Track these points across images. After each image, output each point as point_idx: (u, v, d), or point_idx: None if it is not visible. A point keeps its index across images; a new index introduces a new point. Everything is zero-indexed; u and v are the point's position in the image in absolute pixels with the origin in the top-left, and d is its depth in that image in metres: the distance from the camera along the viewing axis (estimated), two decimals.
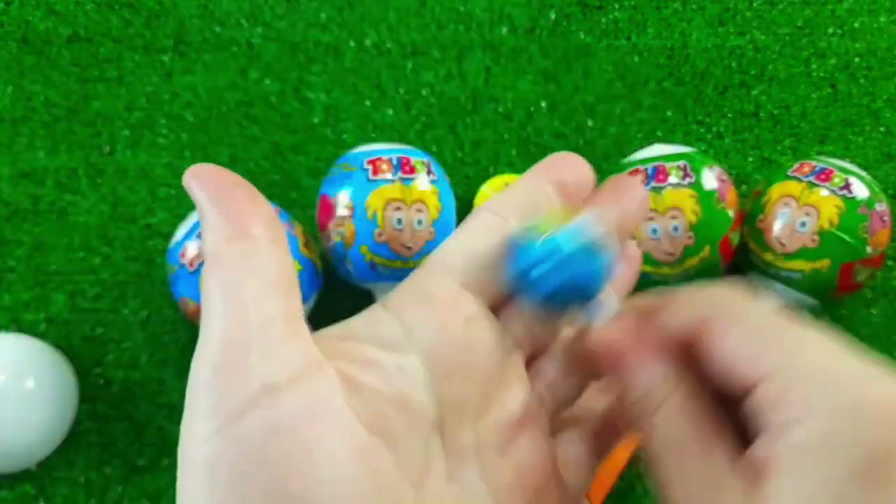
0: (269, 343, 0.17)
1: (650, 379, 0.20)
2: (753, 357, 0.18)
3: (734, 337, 0.18)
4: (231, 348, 0.17)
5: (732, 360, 0.18)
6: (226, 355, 0.17)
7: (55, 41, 0.58)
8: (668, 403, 0.19)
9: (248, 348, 0.17)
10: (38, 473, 0.48)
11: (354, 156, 0.48)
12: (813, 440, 0.16)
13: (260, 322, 0.17)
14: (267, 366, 0.17)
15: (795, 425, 0.16)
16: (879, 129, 0.57)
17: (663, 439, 0.19)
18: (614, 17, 0.60)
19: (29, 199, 0.54)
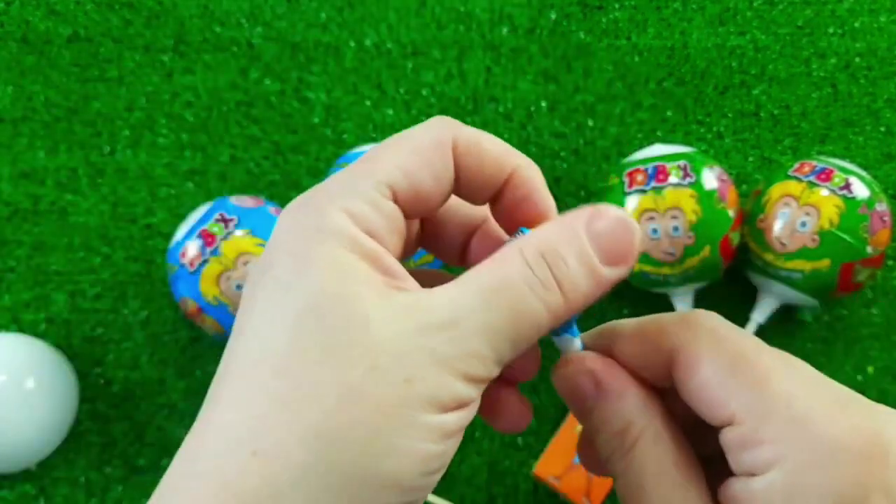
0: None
1: (627, 411, 0.20)
2: (723, 396, 0.18)
3: (703, 372, 0.18)
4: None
5: (702, 396, 0.18)
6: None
7: (55, 41, 0.58)
8: (646, 434, 0.19)
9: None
10: (38, 473, 0.48)
11: (355, 156, 0.48)
12: (783, 486, 0.16)
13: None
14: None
15: (767, 469, 0.17)
16: (880, 129, 0.57)
17: (642, 470, 0.19)
18: (614, 17, 0.60)
19: (29, 199, 0.54)
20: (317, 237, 0.18)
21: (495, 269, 0.18)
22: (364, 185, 0.19)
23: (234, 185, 0.55)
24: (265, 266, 0.18)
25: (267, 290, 0.18)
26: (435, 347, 0.17)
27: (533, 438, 0.49)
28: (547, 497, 0.48)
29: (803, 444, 0.16)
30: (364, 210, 0.18)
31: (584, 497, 0.45)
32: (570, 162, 0.56)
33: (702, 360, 0.18)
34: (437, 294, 0.18)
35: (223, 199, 0.47)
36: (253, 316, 0.18)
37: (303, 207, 0.19)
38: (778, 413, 0.17)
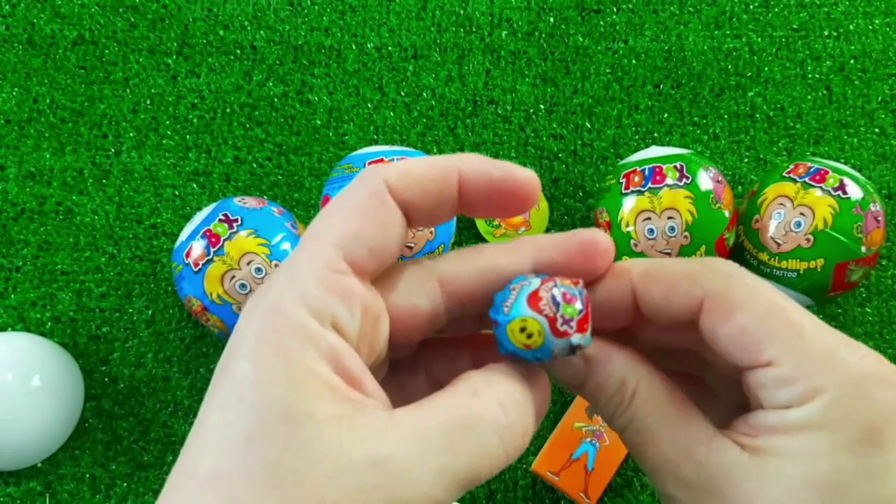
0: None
1: (618, 371, 0.21)
2: (761, 341, 0.19)
3: (740, 319, 0.19)
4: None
5: (738, 341, 0.19)
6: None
7: (61, 43, 0.59)
8: (641, 385, 0.20)
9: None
10: (44, 470, 0.49)
11: (356, 157, 0.49)
12: (824, 414, 0.18)
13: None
14: None
15: (805, 401, 0.18)
16: (874, 131, 0.58)
17: (645, 416, 0.20)
18: (612, 21, 0.61)
19: (35, 200, 0.55)
20: (273, 339, 0.17)
21: (464, 405, 0.18)
22: (316, 265, 0.18)
23: (237, 186, 0.56)
24: (225, 365, 0.18)
25: (223, 397, 0.17)
26: (388, 490, 0.16)
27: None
28: (545, 492, 0.49)
29: (840, 378, 0.18)
30: (320, 296, 0.18)
31: (581, 492, 0.46)
32: (568, 163, 0.57)
33: (737, 307, 0.19)
34: (398, 422, 0.17)
35: (227, 200, 0.48)
36: (207, 425, 0.17)
37: (259, 303, 0.18)
38: (814, 353, 0.18)
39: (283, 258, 0.45)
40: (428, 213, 0.20)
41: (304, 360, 0.17)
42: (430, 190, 0.20)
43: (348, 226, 0.19)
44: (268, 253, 0.45)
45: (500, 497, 0.49)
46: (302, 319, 0.17)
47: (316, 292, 0.18)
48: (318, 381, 0.17)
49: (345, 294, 0.18)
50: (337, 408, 0.17)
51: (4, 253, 0.53)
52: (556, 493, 0.49)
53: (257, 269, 0.44)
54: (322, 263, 0.18)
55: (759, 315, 0.19)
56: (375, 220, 0.19)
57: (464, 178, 0.20)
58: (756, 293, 0.19)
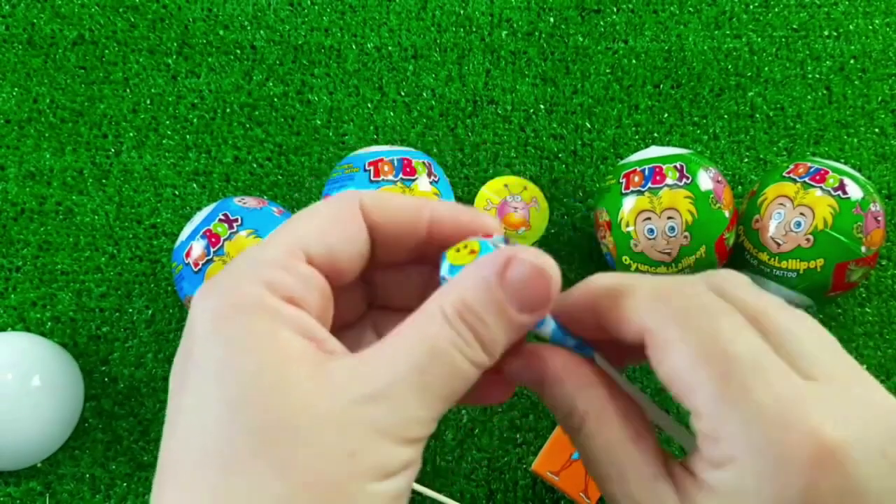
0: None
1: (568, 397, 0.21)
2: (689, 387, 0.18)
3: (672, 360, 0.19)
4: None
5: (671, 383, 0.19)
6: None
7: (61, 43, 0.59)
8: (589, 415, 0.20)
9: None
10: (44, 470, 0.49)
11: (356, 157, 0.49)
12: (734, 487, 0.17)
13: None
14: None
15: (723, 465, 0.18)
16: (874, 131, 0.58)
17: (591, 446, 0.20)
18: (612, 21, 0.61)
19: (35, 200, 0.55)
20: (235, 314, 0.18)
21: (423, 334, 0.18)
22: (275, 252, 0.19)
23: (237, 187, 0.56)
24: (186, 354, 0.18)
25: (194, 380, 0.17)
26: (375, 417, 0.17)
27: (531, 434, 0.50)
28: (545, 492, 0.49)
29: (754, 449, 0.17)
30: (278, 275, 0.18)
31: (581, 493, 0.46)
32: (569, 163, 0.57)
33: (670, 346, 0.19)
34: (368, 361, 0.18)
35: (227, 200, 0.48)
36: (184, 411, 0.17)
37: (214, 287, 0.18)
38: (735, 412, 0.17)
39: None
40: (394, 239, 0.21)
41: (268, 327, 0.18)
42: (400, 219, 0.21)
43: (313, 226, 0.20)
44: None
45: (500, 497, 0.49)
46: (260, 293, 0.18)
47: (274, 272, 0.18)
48: (285, 343, 0.18)
49: (301, 276, 0.19)
50: (308, 363, 0.18)
51: (4, 253, 0.53)
52: (556, 493, 0.49)
53: None
54: (282, 251, 0.19)
55: (690, 357, 0.18)
56: (341, 227, 0.20)
57: (434, 217, 0.21)
58: (694, 328, 0.18)
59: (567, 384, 0.21)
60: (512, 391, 0.23)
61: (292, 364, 0.17)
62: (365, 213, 0.20)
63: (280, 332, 0.18)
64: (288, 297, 0.18)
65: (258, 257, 0.19)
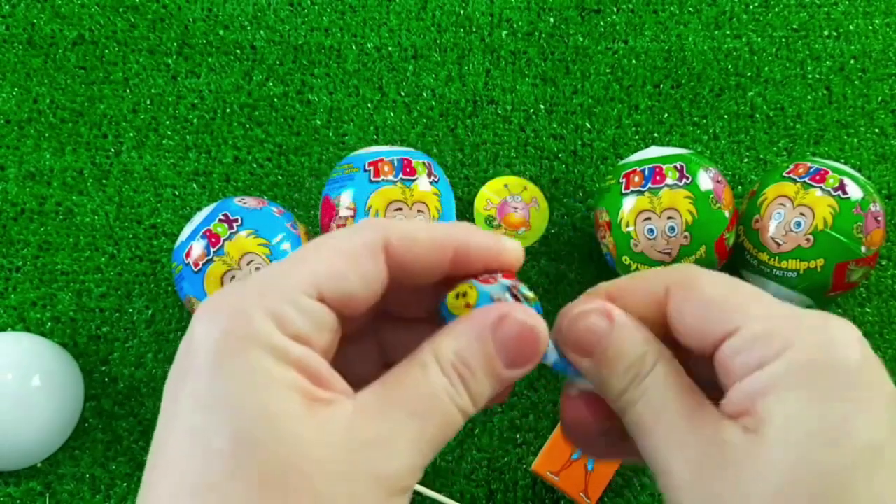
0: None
1: (642, 340, 0.21)
2: (726, 309, 0.20)
3: (703, 294, 0.20)
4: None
5: (704, 315, 0.20)
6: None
7: (61, 44, 0.59)
8: (662, 360, 0.21)
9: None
10: (44, 470, 0.49)
11: (356, 157, 0.49)
12: (795, 366, 0.18)
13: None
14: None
15: (778, 355, 0.18)
16: (874, 131, 0.58)
17: (664, 391, 0.20)
18: (612, 21, 0.61)
19: (35, 200, 0.55)
20: (241, 349, 0.17)
21: (420, 382, 0.19)
22: (288, 287, 0.18)
23: (237, 187, 0.56)
24: (183, 375, 0.18)
25: (187, 409, 0.17)
26: (374, 466, 0.17)
27: (531, 435, 0.50)
28: (545, 492, 0.49)
29: (812, 332, 0.18)
30: (289, 312, 0.18)
31: (581, 492, 0.46)
32: (569, 163, 0.57)
33: (699, 285, 0.20)
34: (366, 406, 0.18)
35: (227, 200, 0.48)
36: (173, 443, 0.17)
37: (223, 310, 0.18)
38: (778, 314, 0.19)
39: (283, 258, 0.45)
40: (416, 277, 0.21)
41: (274, 368, 0.17)
42: (427, 260, 0.21)
43: (332, 265, 0.19)
44: (268, 253, 0.45)
45: (500, 497, 0.49)
46: (269, 329, 0.18)
47: (285, 306, 0.18)
48: (289, 386, 0.17)
49: (311, 314, 0.19)
50: (311, 408, 0.17)
51: (4, 253, 0.53)
52: (556, 493, 0.49)
53: (257, 269, 0.44)
54: (295, 284, 0.19)
55: (720, 289, 0.20)
56: (359, 269, 0.19)
57: (459, 250, 0.21)
58: (713, 275, 0.21)
59: (642, 329, 0.21)
60: (509, 392, 0.23)
61: (295, 408, 0.17)
62: (391, 251, 0.20)
63: (285, 374, 0.17)
64: (295, 335, 0.18)
65: (271, 286, 0.19)
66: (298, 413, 0.17)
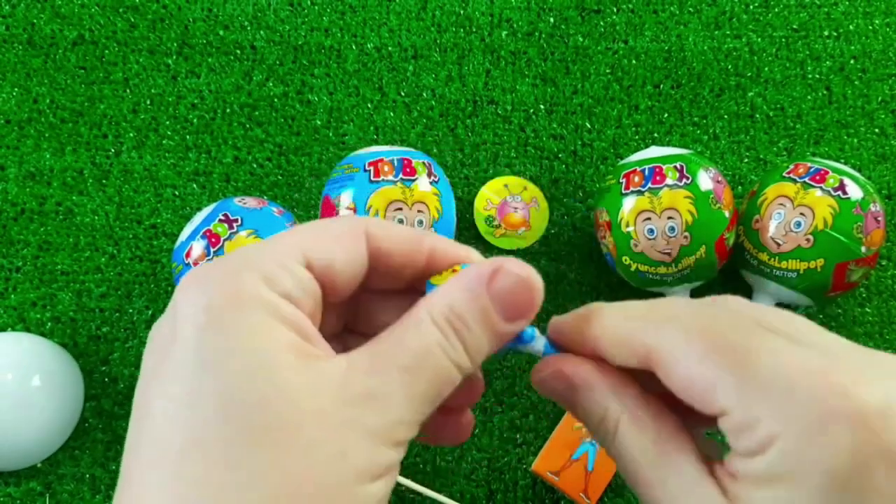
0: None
1: (600, 401, 0.21)
2: (708, 389, 0.18)
3: (682, 371, 0.19)
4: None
5: (689, 394, 0.19)
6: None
7: (61, 44, 0.59)
8: (623, 418, 0.20)
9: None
10: (44, 470, 0.49)
11: (356, 157, 0.49)
12: (784, 465, 0.17)
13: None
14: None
15: (765, 448, 0.17)
16: (874, 131, 0.58)
17: (628, 451, 0.20)
18: (612, 21, 0.61)
19: (35, 200, 0.55)
20: (233, 305, 0.17)
21: (412, 337, 0.19)
22: (277, 252, 0.19)
23: (237, 187, 0.56)
24: (170, 337, 0.18)
25: (183, 368, 0.17)
26: (366, 418, 0.17)
27: (531, 435, 0.50)
28: (545, 492, 0.49)
29: (795, 418, 0.17)
30: (278, 273, 0.18)
31: (581, 493, 0.46)
32: (568, 163, 0.57)
33: (676, 358, 0.19)
34: (359, 362, 0.18)
35: (227, 200, 0.48)
36: (170, 398, 0.17)
37: (208, 274, 0.18)
38: (765, 390, 0.17)
39: None
40: (393, 266, 0.21)
41: (266, 323, 0.18)
42: (403, 248, 0.21)
43: (318, 239, 0.20)
44: None
45: (499, 497, 0.49)
46: (259, 286, 0.18)
47: (273, 268, 0.18)
48: (281, 341, 0.18)
49: (299, 278, 0.19)
50: (303, 363, 0.18)
51: (4, 253, 0.53)
52: (556, 494, 0.49)
53: None
54: (282, 250, 0.19)
55: (698, 362, 0.18)
56: (344, 244, 0.20)
57: (434, 250, 0.21)
58: (694, 333, 0.19)
59: (599, 387, 0.21)
60: (470, 430, 0.23)
61: (288, 362, 0.17)
62: (369, 238, 0.20)
63: (276, 329, 0.18)
64: (285, 295, 0.18)
65: (258, 252, 0.19)
66: (292, 364, 0.17)
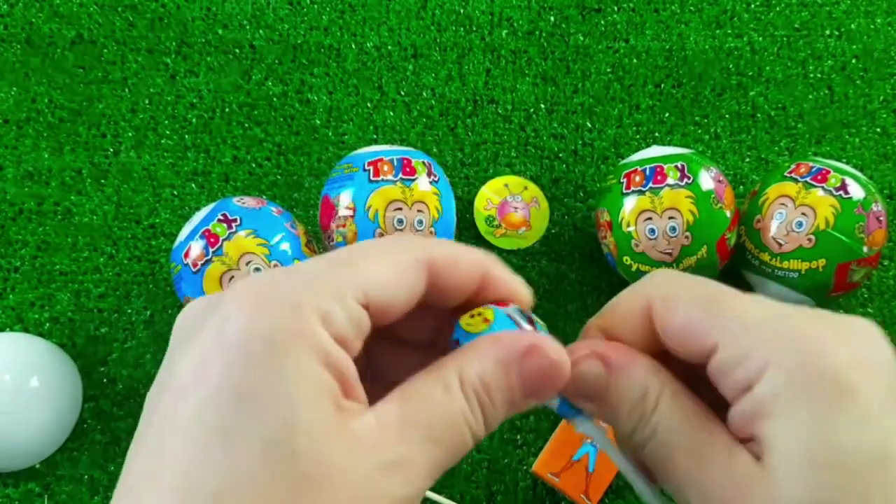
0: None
1: (641, 378, 0.20)
2: (704, 327, 0.19)
3: (681, 311, 0.20)
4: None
5: (684, 334, 0.20)
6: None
7: (59, 43, 0.59)
8: (665, 393, 0.20)
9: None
10: (42, 471, 0.49)
11: (356, 157, 0.49)
12: (782, 385, 0.18)
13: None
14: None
15: (761, 374, 0.18)
16: (875, 130, 0.58)
17: (670, 425, 0.20)
18: (613, 20, 0.61)
19: (34, 200, 0.55)
20: (285, 337, 0.17)
21: (441, 403, 0.18)
22: (339, 286, 0.18)
23: (236, 186, 0.56)
24: (213, 349, 0.17)
25: (206, 399, 0.16)
26: (394, 487, 0.17)
27: (532, 436, 0.50)
28: (546, 493, 0.49)
29: (784, 342, 0.18)
30: (336, 311, 0.18)
31: (582, 494, 0.46)
32: (569, 163, 0.57)
33: (676, 301, 0.20)
34: (390, 425, 0.18)
35: (226, 200, 0.48)
36: (198, 421, 0.16)
37: (273, 294, 0.18)
38: (753, 330, 0.19)
39: (282, 258, 0.45)
40: (446, 297, 0.21)
41: (313, 369, 0.17)
42: (464, 282, 0.21)
43: (382, 273, 0.19)
44: (267, 253, 0.45)
45: (500, 499, 0.49)
46: (315, 327, 0.17)
47: (333, 306, 0.18)
48: (324, 391, 0.17)
49: (355, 319, 0.18)
50: (342, 421, 0.17)
51: (3, 253, 0.53)
52: (557, 495, 0.48)
53: (256, 269, 0.44)
54: (345, 286, 0.18)
55: (696, 305, 0.20)
56: (406, 283, 0.19)
57: (486, 278, 0.21)
58: (691, 287, 0.20)
59: (640, 365, 0.21)
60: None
61: (328, 419, 0.17)
62: (433, 270, 0.20)
63: (322, 378, 0.17)
64: (339, 337, 0.18)
65: (322, 282, 0.18)
66: (331, 426, 0.17)
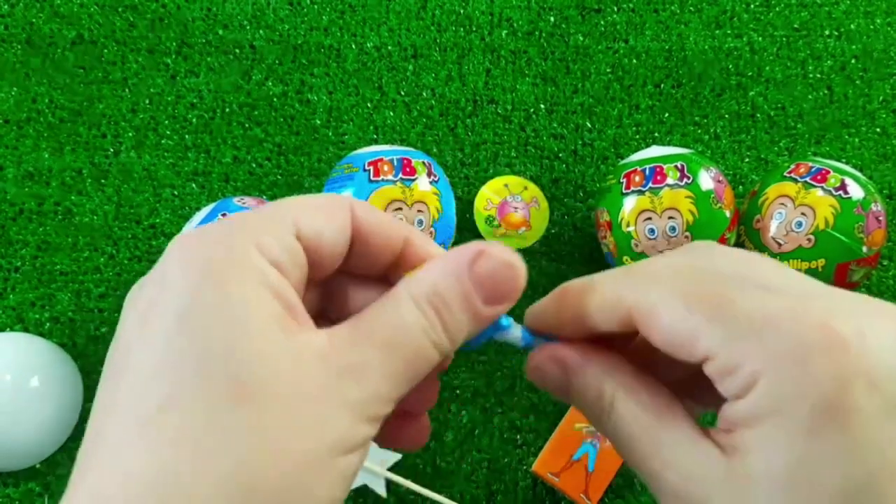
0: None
1: (594, 379, 0.21)
2: (690, 339, 0.18)
3: (663, 324, 0.19)
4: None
5: (672, 345, 0.19)
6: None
7: (60, 43, 0.59)
8: (618, 393, 0.20)
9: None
10: (42, 471, 0.49)
11: (356, 157, 0.49)
12: (770, 401, 0.17)
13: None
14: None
15: (750, 389, 0.17)
16: (875, 131, 0.58)
17: (626, 425, 0.20)
18: (612, 20, 0.61)
19: (34, 200, 0.55)
20: (222, 266, 0.18)
21: (392, 316, 0.19)
22: (271, 219, 0.19)
23: (237, 186, 0.56)
24: (158, 291, 0.18)
25: (170, 325, 0.17)
26: (346, 392, 0.18)
27: (532, 436, 0.50)
28: (546, 493, 0.49)
29: (776, 354, 0.17)
30: (270, 241, 0.18)
31: (582, 494, 0.46)
32: (569, 163, 0.57)
33: (659, 312, 0.19)
34: (339, 337, 0.19)
35: (226, 200, 0.48)
36: (154, 353, 0.17)
37: (206, 235, 0.18)
38: (745, 333, 0.17)
39: None
40: (371, 248, 0.21)
41: (256, 291, 0.18)
42: (382, 230, 0.21)
43: (308, 210, 0.20)
44: None
45: (500, 498, 0.49)
46: (252, 254, 0.18)
47: (265, 236, 0.18)
48: (267, 308, 0.18)
49: (289, 247, 0.19)
50: (288, 333, 0.18)
51: (3, 253, 0.53)
52: (557, 495, 0.49)
53: None
54: (274, 219, 0.19)
55: (680, 313, 0.18)
56: (331, 218, 0.20)
57: (410, 239, 0.22)
58: (670, 287, 0.19)
59: (593, 366, 0.21)
60: (426, 435, 0.23)
61: (272, 331, 0.17)
62: (357, 220, 0.21)
63: (263, 297, 0.18)
64: (275, 262, 0.18)
65: (251, 219, 0.19)
66: (275, 334, 0.17)
